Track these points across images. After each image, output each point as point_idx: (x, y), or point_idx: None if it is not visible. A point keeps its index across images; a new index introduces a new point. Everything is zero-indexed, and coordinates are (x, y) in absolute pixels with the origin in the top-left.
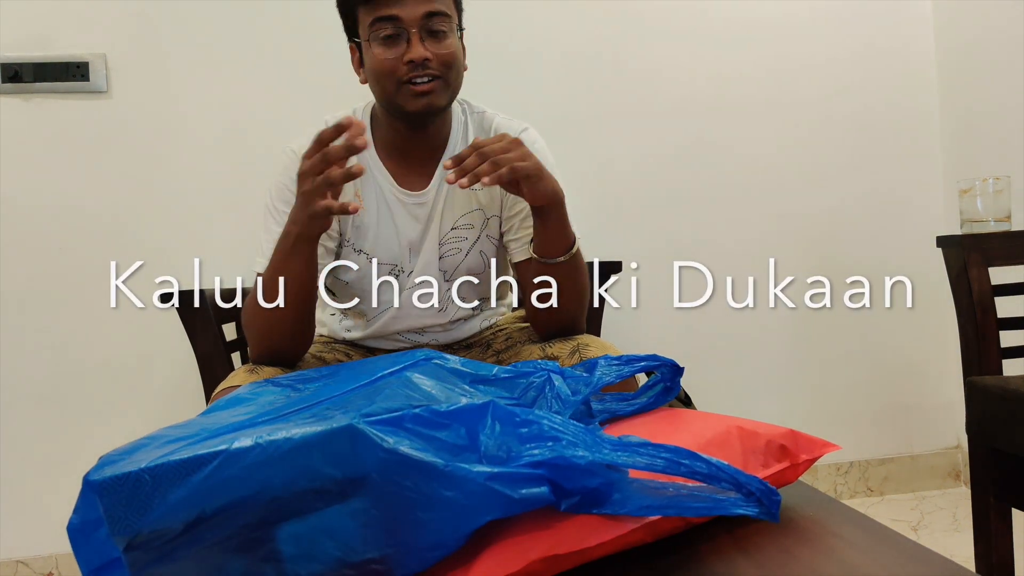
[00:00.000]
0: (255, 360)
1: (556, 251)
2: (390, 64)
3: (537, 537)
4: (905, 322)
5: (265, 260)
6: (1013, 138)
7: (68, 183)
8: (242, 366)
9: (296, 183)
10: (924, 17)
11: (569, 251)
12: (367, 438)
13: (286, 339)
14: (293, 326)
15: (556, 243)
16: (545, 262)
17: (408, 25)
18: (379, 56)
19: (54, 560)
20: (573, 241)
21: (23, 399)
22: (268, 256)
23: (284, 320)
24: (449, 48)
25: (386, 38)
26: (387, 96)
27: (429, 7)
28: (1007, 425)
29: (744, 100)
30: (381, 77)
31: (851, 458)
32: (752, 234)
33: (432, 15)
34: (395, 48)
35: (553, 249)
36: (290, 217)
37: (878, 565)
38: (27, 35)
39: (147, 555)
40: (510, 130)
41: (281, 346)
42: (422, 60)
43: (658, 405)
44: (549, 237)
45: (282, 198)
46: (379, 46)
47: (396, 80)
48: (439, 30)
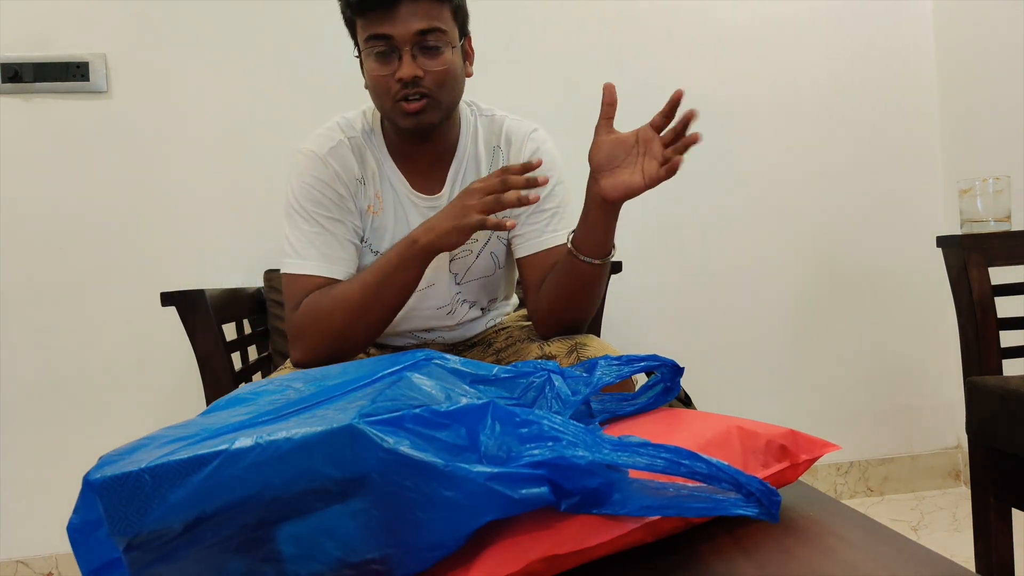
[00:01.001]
0: (303, 363)
1: (599, 252)
2: (383, 81)
3: (537, 537)
4: (905, 322)
5: (301, 260)
6: (1013, 138)
7: (68, 183)
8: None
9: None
10: (924, 18)
11: (608, 256)
12: (367, 438)
13: (359, 343)
14: (372, 330)
15: (603, 244)
16: (582, 259)
17: (400, 43)
18: (372, 72)
19: (54, 560)
20: (613, 247)
21: (23, 399)
22: (304, 256)
23: (370, 324)
24: (443, 64)
25: (379, 54)
26: (383, 110)
27: (423, 24)
28: (1007, 425)
29: (744, 101)
30: (375, 92)
31: (851, 458)
32: (752, 234)
33: (426, 32)
34: (388, 65)
35: (597, 249)
36: (423, 226)
37: (878, 565)
38: (27, 35)
39: (147, 555)
40: (520, 132)
41: (350, 349)
42: (412, 79)
43: (658, 405)
44: (600, 237)
45: (310, 197)
46: (373, 61)
47: (389, 97)
48: (433, 47)
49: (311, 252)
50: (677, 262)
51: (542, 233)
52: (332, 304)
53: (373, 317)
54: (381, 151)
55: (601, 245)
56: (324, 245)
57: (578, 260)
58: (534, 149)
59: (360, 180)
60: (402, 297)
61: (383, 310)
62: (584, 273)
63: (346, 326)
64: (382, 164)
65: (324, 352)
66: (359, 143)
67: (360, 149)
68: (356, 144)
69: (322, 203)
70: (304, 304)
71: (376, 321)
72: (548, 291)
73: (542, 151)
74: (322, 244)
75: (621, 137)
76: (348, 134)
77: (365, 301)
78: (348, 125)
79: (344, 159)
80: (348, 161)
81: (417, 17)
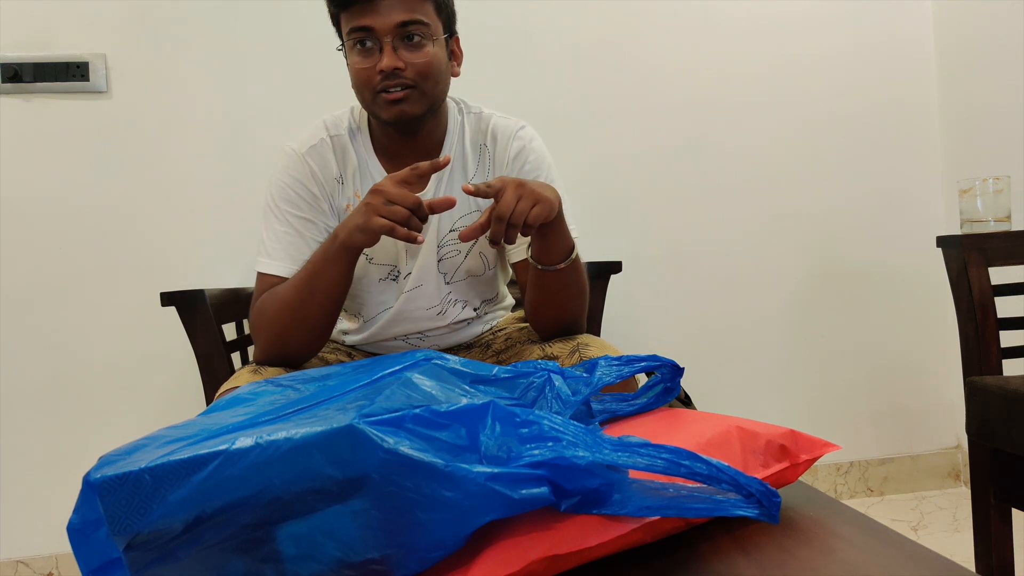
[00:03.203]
0: (260, 361)
1: (557, 258)
2: (365, 73)
3: (537, 537)
4: (905, 322)
5: (269, 260)
6: (1013, 138)
7: (68, 183)
8: (244, 367)
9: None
10: (924, 15)
11: (569, 256)
12: (367, 438)
13: (303, 343)
14: (312, 331)
15: (556, 251)
16: (546, 269)
17: (382, 35)
18: (355, 65)
19: (54, 560)
20: (572, 246)
21: (23, 399)
22: (272, 255)
23: (307, 323)
24: (425, 57)
25: (362, 47)
26: (365, 104)
27: (403, 16)
28: (1007, 425)
29: (744, 98)
30: (358, 85)
31: (851, 458)
32: (752, 233)
33: (407, 24)
34: (370, 58)
35: (554, 257)
36: (342, 222)
37: (878, 565)
38: (27, 35)
39: (147, 555)
40: (506, 129)
41: (295, 349)
42: (392, 70)
43: (658, 405)
44: (549, 246)
45: (284, 196)
46: (355, 55)
47: (371, 89)
48: (414, 39)
49: (278, 252)
50: (677, 262)
51: None
52: (273, 304)
53: (310, 316)
54: (366, 149)
55: (558, 252)
56: (291, 246)
57: (540, 270)
58: (520, 147)
59: (338, 180)
60: (334, 294)
61: (318, 308)
62: (554, 279)
63: (286, 327)
64: (366, 162)
65: (273, 352)
66: (343, 141)
67: (343, 148)
68: (339, 143)
69: (295, 202)
70: (256, 304)
71: (314, 320)
72: (531, 299)
73: (528, 149)
74: (289, 244)
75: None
76: (332, 132)
77: (299, 300)
78: (334, 123)
79: (323, 158)
80: (327, 160)
81: (398, 10)
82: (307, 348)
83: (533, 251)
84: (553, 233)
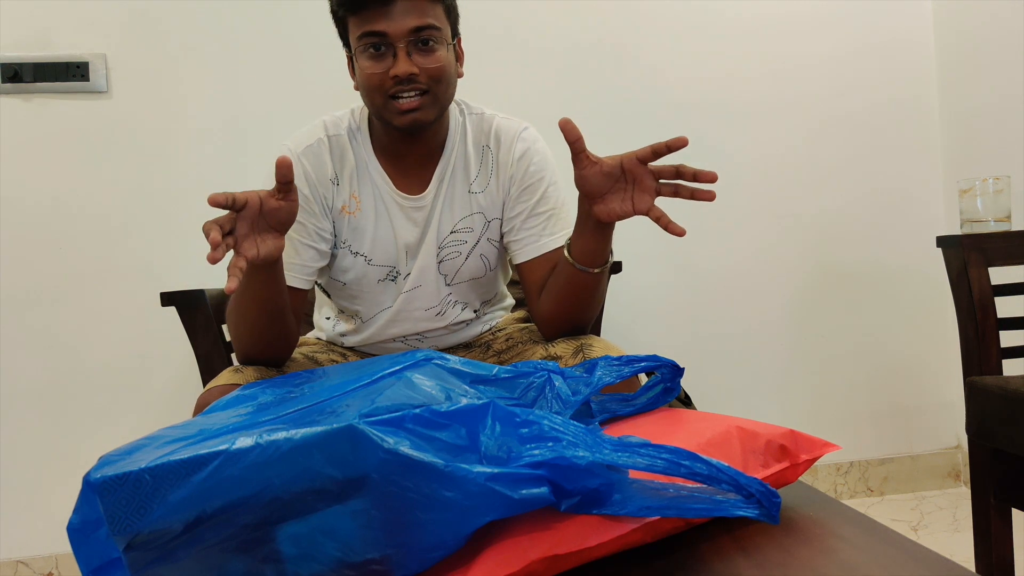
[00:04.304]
0: (241, 360)
1: (599, 261)
2: (377, 78)
3: (537, 537)
4: (905, 322)
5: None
6: (1013, 138)
7: (68, 183)
8: (228, 368)
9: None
10: (924, 15)
11: (606, 264)
12: (367, 438)
13: (264, 346)
14: (267, 336)
15: (600, 254)
16: (581, 269)
17: (395, 40)
18: (366, 69)
19: (54, 560)
20: (612, 252)
21: (23, 399)
22: None
23: (255, 332)
24: (438, 61)
25: (373, 51)
26: (375, 108)
27: (417, 21)
28: (1007, 425)
29: (744, 99)
30: (369, 90)
31: (851, 458)
32: (752, 233)
33: (420, 29)
34: (382, 62)
35: (597, 259)
36: None
37: (878, 565)
38: (27, 35)
39: (147, 555)
40: (509, 131)
41: (262, 351)
42: (407, 76)
43: (658, 405)
44: (599, 248)
45: None
46: (367, 59)
47: (383, 94)
48: (428, 44)
49: None
50: (677, 262)
51: (539, 238)
52: (230, 310)
53: (257, 326)
54: (366, 150)
55: (599, 255)
56: None
57: (576, 270)
58: (525, 149)
59: (333, 181)
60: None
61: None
62: (584, 281)
63: (239, 334)
64: (365, 163)
65: (242, 354)
66: (341, 142)
67: (341, 148)
68: (337, 143)
69: None
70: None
71: (261, 329)
72: (549, 297)
73: (532, 151)
74: None
75: (605, 168)
76: (330, 133)
77: (237, 311)
78: (333, 123)
79: (318, 159)
80: (322, 161)
81: (412, 14)
82: (270, 351)
83: (574, 251)
84: (607, 236)
